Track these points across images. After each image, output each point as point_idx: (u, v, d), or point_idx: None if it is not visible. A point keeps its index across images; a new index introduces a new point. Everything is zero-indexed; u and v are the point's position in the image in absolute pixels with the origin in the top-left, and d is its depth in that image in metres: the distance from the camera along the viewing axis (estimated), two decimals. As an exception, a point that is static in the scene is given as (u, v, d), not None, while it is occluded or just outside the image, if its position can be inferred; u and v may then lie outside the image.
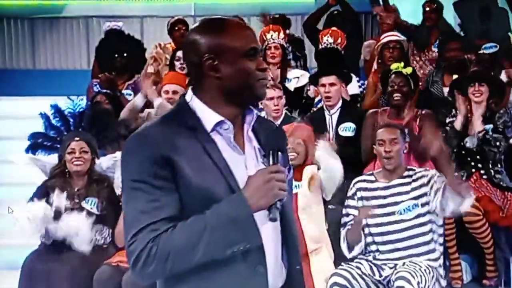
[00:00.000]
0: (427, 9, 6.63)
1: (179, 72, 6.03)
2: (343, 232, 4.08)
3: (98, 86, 6.22)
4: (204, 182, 1.70)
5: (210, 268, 1.72)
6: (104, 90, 5.97)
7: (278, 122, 4.80)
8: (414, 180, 4.02)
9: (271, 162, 1.74)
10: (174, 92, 5.32)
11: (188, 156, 1.71)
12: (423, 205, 3.96)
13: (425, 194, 3.96)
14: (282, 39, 5.97)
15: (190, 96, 1.82)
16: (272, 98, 4.94)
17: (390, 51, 5.84)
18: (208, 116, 1.78)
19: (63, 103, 4.80)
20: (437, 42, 6.36)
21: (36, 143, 4.68)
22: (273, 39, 5.92)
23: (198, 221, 1.67)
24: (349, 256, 4.06)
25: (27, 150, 4.69)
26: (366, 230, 4.06)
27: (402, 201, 3.98)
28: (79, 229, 4.08)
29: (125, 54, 6.26)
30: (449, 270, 4.54)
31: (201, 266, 1.70)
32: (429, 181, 3.96)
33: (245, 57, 1.77)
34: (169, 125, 1.76)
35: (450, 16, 6.94)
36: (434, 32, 6.57)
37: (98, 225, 4.22)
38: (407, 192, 4.00)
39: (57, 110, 4.67)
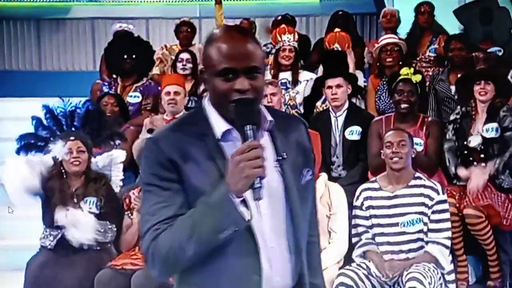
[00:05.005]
0: (422, 10, 6.65)
1: (178, 73, 6.08)
2: (358, 250, 4.07)
3: (106, 87, 6.25)
4: (205, 186, 1.74)
5: (207, 273, 1.78)
6: (112, 92, 6.01)
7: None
8: (421, 194, 4.00)
9: (245, 140, 1.72)
10: (176, 93, 5.32)
11: (194, 161, 1.77)
12: (424, 223, 3.97)
13: (426, 214, 3.98)
14: (295, 41, 5.98)
15: (206, 101, 1.87)
16: (265, 95, 4.94)
17: (388, 54, 5.84)
18: (218, 124, 1.81)
19: (56, 103, 4.75)
20: (433, 44, 6.39)
21: (28, 144, 4.61)
22: (288, 41, 5.91)
23: (190, 214, 1.73)
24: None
25: (18, 152, 4.59)
26: (370, 235, 4.08)
27: (407, 213, 3.98)
28: (85, 224, 4.12)
29: (134, 56, 6.25)
30: (455, 271, 4.56)
31: (199, 270, 1.77)
32: (432, 206, 3.97)
33: (217, 76, 1.77)
34: (181, 130, 1.83)
35: (453, 20, 6.94)
36: (427, 34, 6.58)
37: (100, 221, 4.20)
38: (412, 204, 3.99)
39: (48, 110, 4.65)
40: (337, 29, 6.29)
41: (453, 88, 5.58)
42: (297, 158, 1.88)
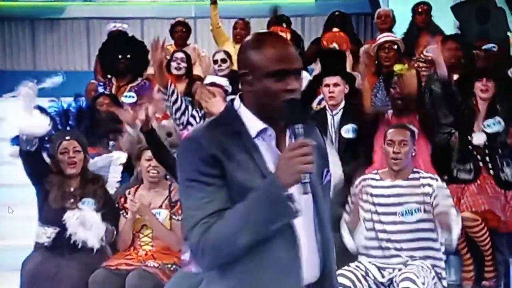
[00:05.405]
0: (420, 10, 6.65)
1: (172, 73, 6.09)
2: (344, 223, 4.08)
3: (101, 87, 6.24)
4: (246, 180, 1.85)
5: (249, 265, 1.86)
6: (108, 92, 5.99)
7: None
8: (420, 185, 4.02)
9: (292, 140, 1.84)
10: None
11: (233, 157, 1.87)
12: (425, 211, 3.97)
13: (427, 203, 3.98)
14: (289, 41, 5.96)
15: (238, 102, 1.97)
16: None
17: (386, 52, 5.86)
18: (252, 123, 1.93)
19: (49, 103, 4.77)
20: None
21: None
22: None
23: (241, 206, 1.82)
24: (350, 247, 4.07)
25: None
26: (370, 225, 4.07)
27: (405, 203, 3.99)
28: (94, 222, 4.12)
29: (128, 56, 6.25)
30: (461, 270, 4.61)
31: (242, 262, 1.86)
32: (433, 192, 3.98)
33: (269, 77, 1.88)
34: (216, 129, 1.93)
35: (449, 20, 6.96)
36: (424, 34, 6.59)
37: (105, 223, 4.20)
38: (410, 195, 4.01)
39: (41, 110, 4.58)
40: (335, 29, 6.29)
41: (449, 88, 5.59)
42: (318, 160, 1.96)
